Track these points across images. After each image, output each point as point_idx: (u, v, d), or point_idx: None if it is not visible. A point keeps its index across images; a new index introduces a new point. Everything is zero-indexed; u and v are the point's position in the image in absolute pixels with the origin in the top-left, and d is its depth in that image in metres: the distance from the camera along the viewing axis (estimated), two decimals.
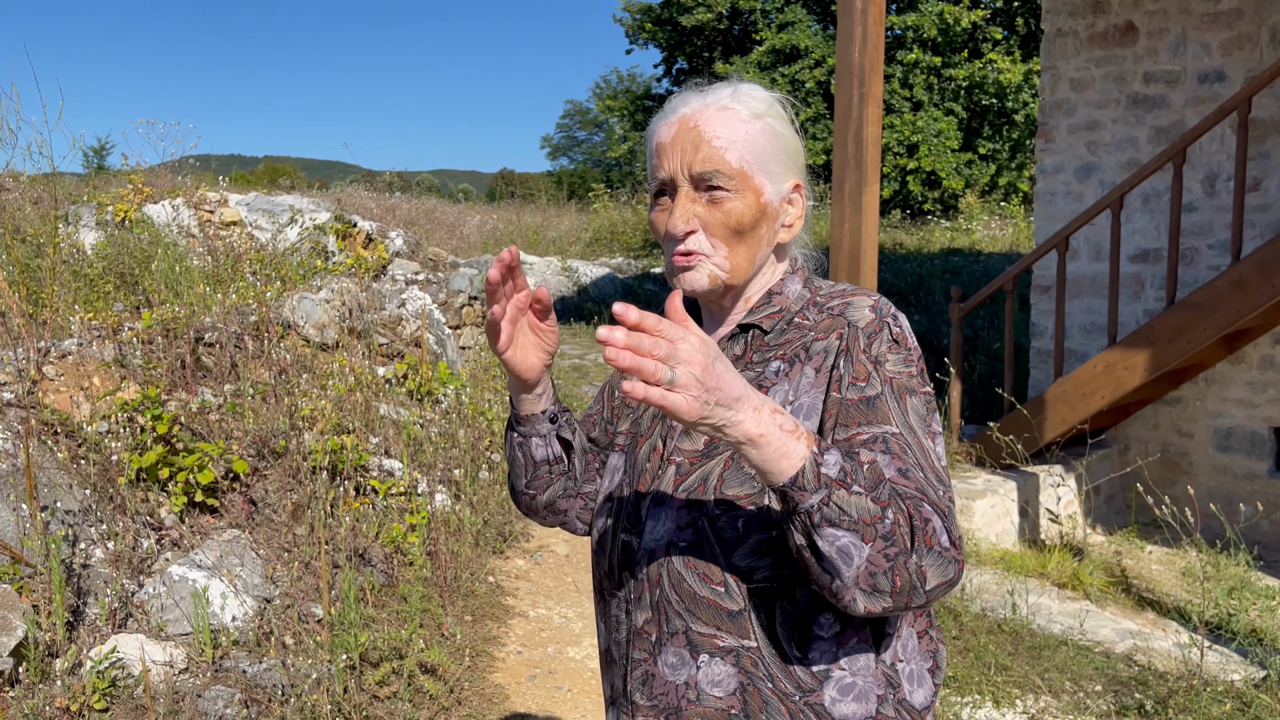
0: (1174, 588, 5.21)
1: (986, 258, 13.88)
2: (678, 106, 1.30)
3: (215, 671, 3.15)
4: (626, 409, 1.46)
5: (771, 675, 1.22)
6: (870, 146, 4.58)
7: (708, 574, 1.24)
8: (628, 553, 1.32)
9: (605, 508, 1.39)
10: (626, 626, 1.32)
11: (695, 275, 1.28)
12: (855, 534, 1.06)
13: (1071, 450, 6.12)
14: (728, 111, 1.28)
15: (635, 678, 1.31)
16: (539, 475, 1.45)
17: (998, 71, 19.50)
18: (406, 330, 5.81)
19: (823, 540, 1.06)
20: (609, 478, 1.41)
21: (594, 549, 1.41)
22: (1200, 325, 5.19)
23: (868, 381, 1.21)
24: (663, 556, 1.27)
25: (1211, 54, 6.21)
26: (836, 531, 1.06)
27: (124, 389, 4.04)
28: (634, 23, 23.55)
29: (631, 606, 1.31)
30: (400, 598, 3.84)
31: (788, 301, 1.33)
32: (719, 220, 1.26)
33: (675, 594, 1.25)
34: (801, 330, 1.29)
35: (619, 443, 1.43)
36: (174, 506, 3.71)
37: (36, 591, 3.11)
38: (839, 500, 1.05)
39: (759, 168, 1.28)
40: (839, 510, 1.05)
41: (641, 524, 1.30)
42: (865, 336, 1.24)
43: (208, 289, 5.36)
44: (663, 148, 1.29)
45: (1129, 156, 6.52)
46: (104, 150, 15.67)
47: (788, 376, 1.26)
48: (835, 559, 1.07)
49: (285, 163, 40.40)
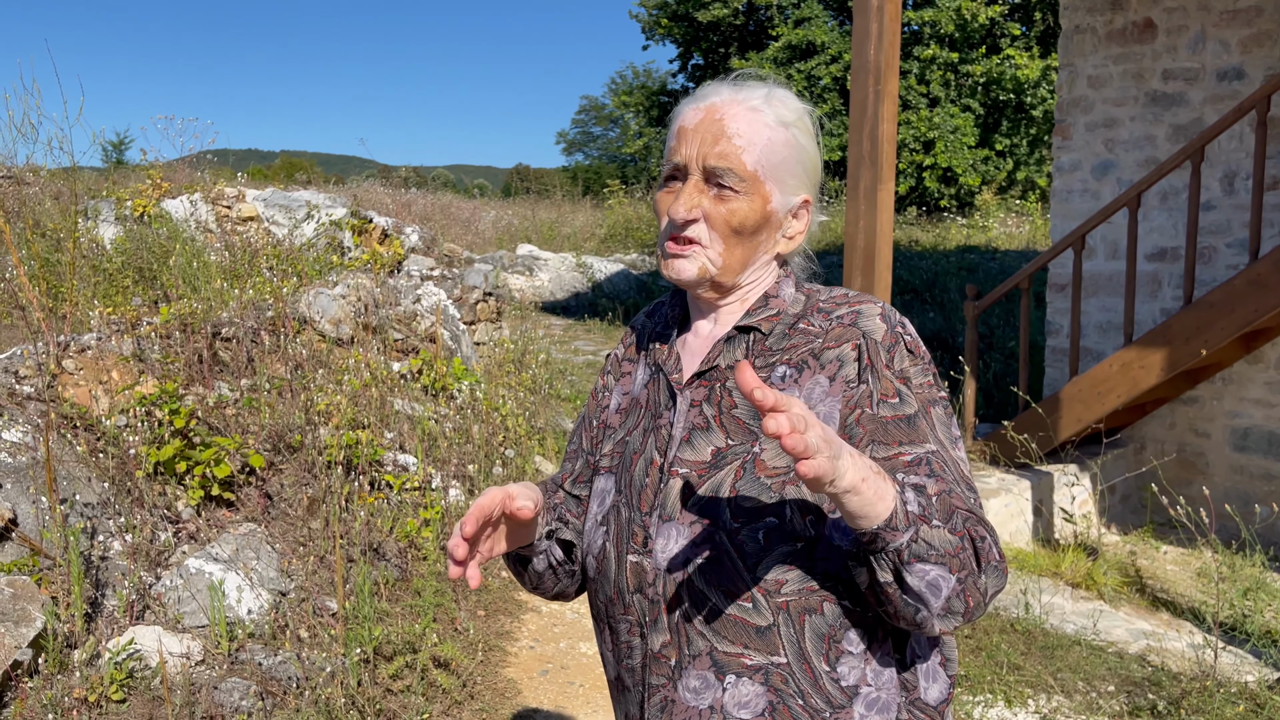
0: (1189, 588, 5.18)
1: (1003, 255, 13.82)
2: (709, 94, 1.29)
3: (231, 663, 3.19)
4: (609, 429, 1.41)
5: (802, 692, 1.20)
6: (885, 144, 4.57)
7: (732, 590, 1.20)
8: (639, 574, 1.27)
9: (600, 532, 1.34)
10: (641, 651, 1.27)
11: (686, 265, 1.27)
12: (943, 566, 1.08)
13: (1086, 449, 6.10)
14: (757, 114, 1.26)
15: (653, 705, 1.26)
16: (544, 580, 1.43)
17: (1015, 67, 19.40)
18: (421, 326, 5.84)
19: (912, 576, 1.08)
20: (597, 502, 1.37)
21: (592, 577, 1.35)
22: (1218, 324, 5.16)
23: (900, 399, 1.21)
24: (680, 575, 1.22)
25: (1231, 51, 6.16)
26: (925, 566, 1.07)
27: (142, 383, 4.08)
28: (650, 18, 23.54)
29: (647, 630, 1.26)
30: (414, 592, 3.87)
31: (784, 304, 1.31)
32: (721, 216, 1.25)
33: (698, 613, 1.21)
34: (808, 336, 1.27)
35: (603, 464, 1.38)
36: (191, 500, 3.74)
37: (55, 583, 3.15)
38: (925, 535, 1.07)
39: (772, 175, 1.27)
40: (926, 545, 1.07)
41: (650, 543, 1.26)
42: (885, 350, 1.23)
43: (225, 284, 5.41)
44: (684, 131, 1.27)
45: (1147, 154, 6.48)
46: (123, 145, 15.79)
47: (796, 383, 1.24)
48: (925, 592, 1.09)
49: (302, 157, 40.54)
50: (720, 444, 1.25)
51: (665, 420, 1.31)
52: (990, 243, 15.43)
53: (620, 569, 1.29)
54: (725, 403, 1.27)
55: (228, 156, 14.18)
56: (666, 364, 1.34)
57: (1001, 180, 19.97)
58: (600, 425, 1.43)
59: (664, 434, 1.30)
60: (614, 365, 1.47)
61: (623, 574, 1.28)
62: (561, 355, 8.46)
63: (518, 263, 11.92)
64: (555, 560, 1.40)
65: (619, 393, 1.43)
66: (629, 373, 1.43)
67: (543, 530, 1.37)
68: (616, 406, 1.41)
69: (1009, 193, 20.10)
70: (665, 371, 1.34)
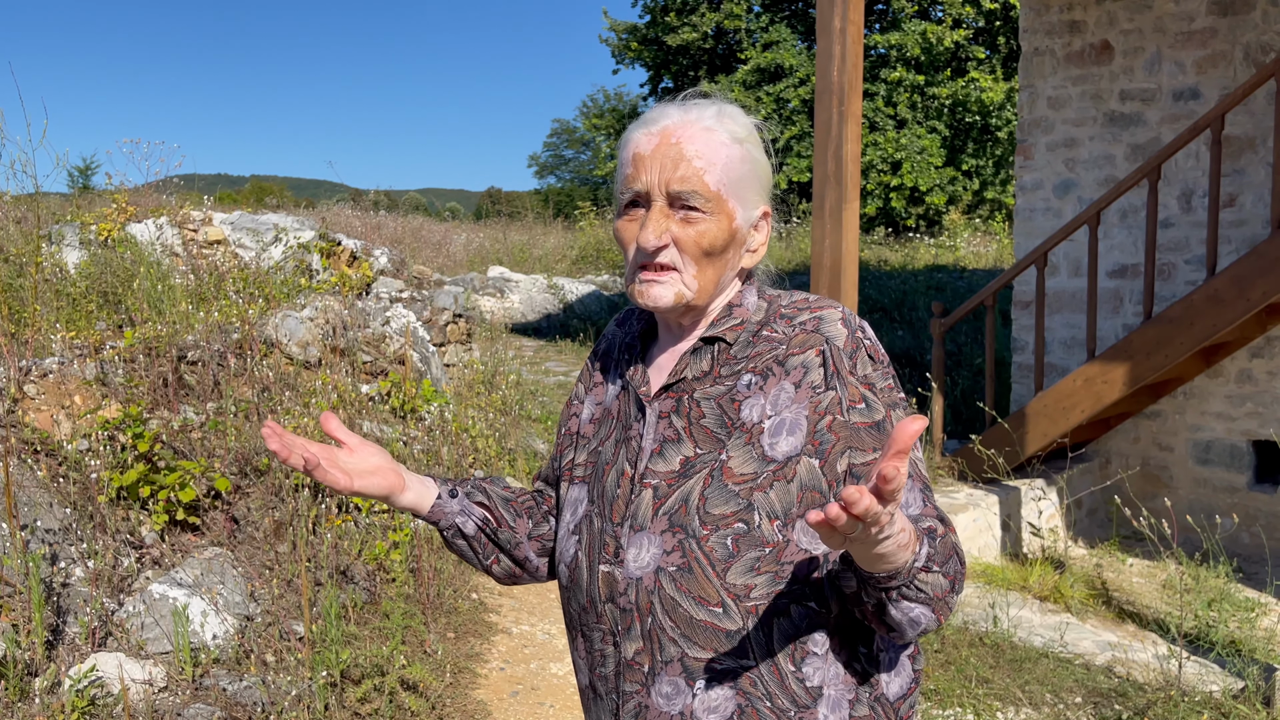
0: (1155, 600, 5.24)
1: (970, 274, 13.98)
2: (659, 118, 1.29)
3: (195, 690, 3.15)
4: (582, 439, 1.42)
5: (770, 693, 1.23)
6: (850, 164, 4.63)
7: (703, 596, 1.22)
8: (610, 584, 1.29)
9: (573, 541, 1.35)
10: (614, 659, 1.29)
11: (662, 291, 1.27)
12: (927, 606, 1.14)
13: (1053, 464, 6.17)
14: (712, 133, 1.27)
15: (627, 711, 1.29)
16: (483, 544, 1.45)
17: (981, 90, 19.70)
18: (390, 348, 5.82)
19: (896, 610, 1.13)
20: (570, 511, 1.38)
21: (565, 585, 1.38)
22: (1177, 339, 5.25)
23: (866, 405, 1.23)
24: (651, 583, 1.25)
25: (1186, 72, 6.30)
26: (911, 605, 1.13)
27: (105, 407, 4.04)
28: (620, 42, 23.71)
29: (620, 638, 1.28)
30: (383, 615, 3.84)
31: (747, 313, 1.33)
32: (691, 240, 1.26)
33: (670, 620, 1.24)
34: (771, 343, 1.28)
35: (576, 474, 1.40)
36: (155, 525, 3.70)
37: (16, 610, 3.10)
38: (919, 581, 1.11)
39: (734, 192, 1.28)
40: (917, 590, 1.12)
41: (622, 552, 1.28)
42: (848, 357, 1.25)
43: (191, 307, 5.37)
44: (641, 158, 1.27)
45: (1106, 173, 6.60)
46: (89, 170, 15.66)
47: (762, 390, 1.26)
48: (904, 625, 1.15)
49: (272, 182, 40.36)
50: (689, 454, 1.27)
51: (636, 432, 1.32)
52: (958, 262, 15.61)
53: (593, 578, 1.31)
54: (694, 413, 1.29)
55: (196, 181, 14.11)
56: (634, 377, 1.36)
57: (968, 200, 20.23)
58: (568, 433, 1.45)
59: (635, 445, 1.31)
60: (586, 374, 1.49)
61: (595, 583, 1.30)
62: (533, 376, 8.45)
63: (489, 284, 11.91)
64: (478, 519, 1.44)
65: (592, 402, 1.44)
66: (601, 383, 1.45)
67: (437, 485, 1.41)
68: (590, 416, 1.43)
69: (976, 212, 20.36)
70: (633, 385, 1.35)
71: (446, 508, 1.41)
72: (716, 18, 21.19)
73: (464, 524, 1.43)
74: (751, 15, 21.40)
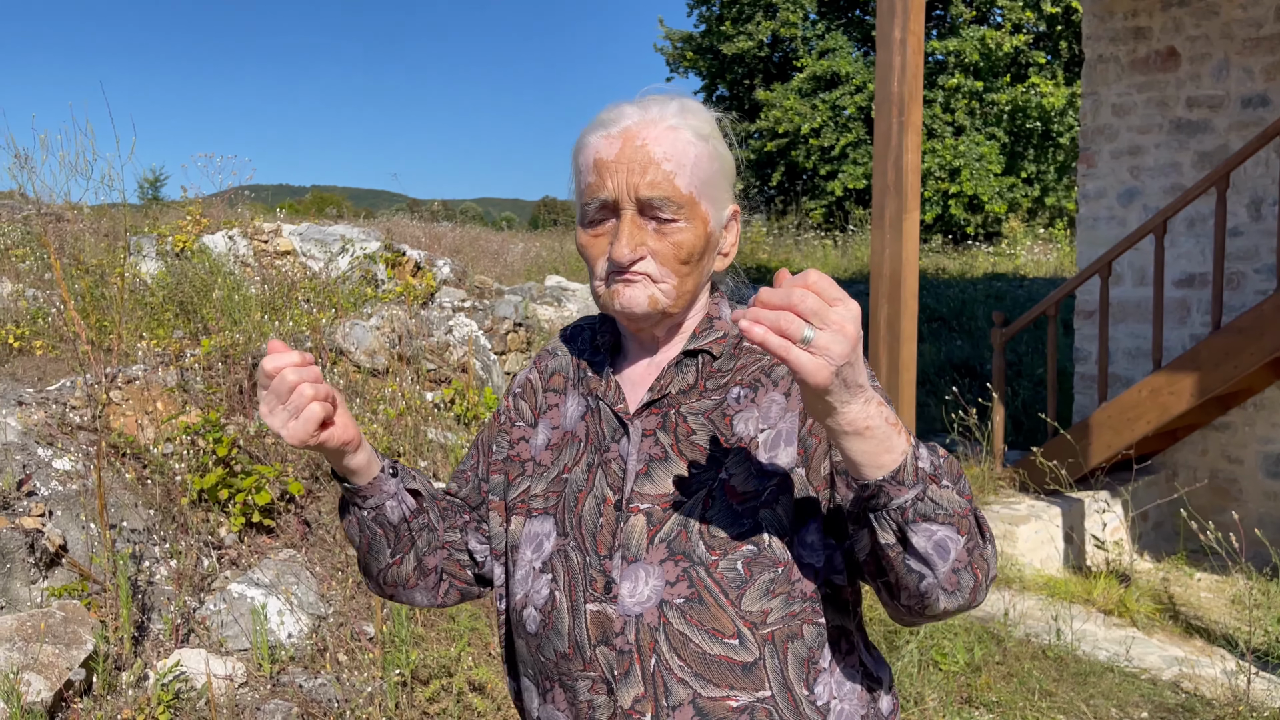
0: (1223, 615, 5.15)
1: (1030, 282, 13.79)
2: (618, 119, 1.20)
3: (273, 686, 3.26)
4: (540, 466, 1.29)
5: None
6: (910, 174, 4.64)
7: (717, 628, 1.13)
8: (602, 624, 1.16)
9: (544, 581, 1.22)
10: (608, 710, 1.16)
11: (635, 293, 1.18)
12: (951, 526, 1.03)
13: (1117, 476, 6.08)
14: (677, 132, 1.18)
15: None
16: (400, 537, 1.31)
17: (1041, 95, 19.43)
18: (453, 356, 5.95)
19: (918, 535, 1.02)
20: (530, 547, 1.25)
21: (533, 632, 1.23)
22: (1247, 350, 5.16)
23: None
24: (655, 619, 1.14)
25: (1255, 78, 6.19)
26: (932, 526, 1.02)
27: (186, 413, 4.20)
28: (675, 51, 23.79)
29: (616, 685, 1.15)
30: (449, 617, 3.93)
31: (727, 326, 1.26)
32: (669, 250, 1.18)
33: (679, 658, 1.13)
34: (754, 355, 1.23)
35: (535, 506, 1.26)
36: (233, 526, 3.84)
37: (104, 607, 3.25)
38: (933, 494, 1.02)
39: (705, 194, 1.20)
40: (934, 505, 1.02)
41: (615, 587, 1.16)
42: None
43: (263, 316, 5.54)
44: (604, 164, 1.18)
45: (1172, 181, 6.50)
46: (158, 181, 16.13)
47: (754, 403, 1.20)
48: (932, 554, 1.03)
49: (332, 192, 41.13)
50: (682, 473, 1.18)
51: (615, 453, 1.22)
52: (1018, 270, 15.41)
53: (577, 620, 1.18)
54: (681, 430, 1.21)
55: (260, 191, 14.48)
56: (607, 394, 1.26)
57: (1028, 207, 19.95)
58: (515, 458, 1.32)
59: (615, 468, 1.21)
60: (528, 393, 1.35)
61: (581, 625, 1.18)
62: None
63: (546, 293, 12.04)
64: (408, 509, 1.30)
65: (546, 426, 1.31)
66: (555, 405, 1.32)
67: (382, 461, 1.28)
68: (546, 442, 1.30)
69: (1036, 219, 20.08)
70: (607, 402, 1.25)
71: (385, 485, 1.28)
72: (772, 25, 21.16)
73: (391, 509, 1.29)
74: (807, 23, 21.36)
